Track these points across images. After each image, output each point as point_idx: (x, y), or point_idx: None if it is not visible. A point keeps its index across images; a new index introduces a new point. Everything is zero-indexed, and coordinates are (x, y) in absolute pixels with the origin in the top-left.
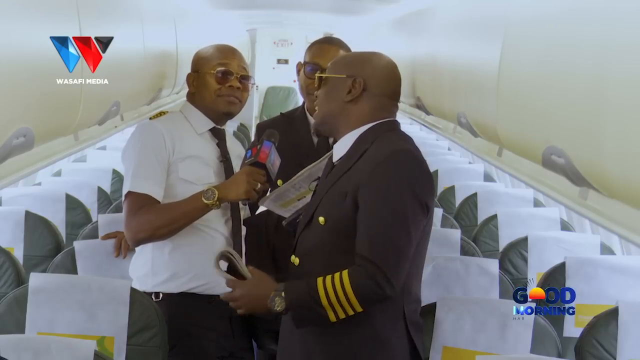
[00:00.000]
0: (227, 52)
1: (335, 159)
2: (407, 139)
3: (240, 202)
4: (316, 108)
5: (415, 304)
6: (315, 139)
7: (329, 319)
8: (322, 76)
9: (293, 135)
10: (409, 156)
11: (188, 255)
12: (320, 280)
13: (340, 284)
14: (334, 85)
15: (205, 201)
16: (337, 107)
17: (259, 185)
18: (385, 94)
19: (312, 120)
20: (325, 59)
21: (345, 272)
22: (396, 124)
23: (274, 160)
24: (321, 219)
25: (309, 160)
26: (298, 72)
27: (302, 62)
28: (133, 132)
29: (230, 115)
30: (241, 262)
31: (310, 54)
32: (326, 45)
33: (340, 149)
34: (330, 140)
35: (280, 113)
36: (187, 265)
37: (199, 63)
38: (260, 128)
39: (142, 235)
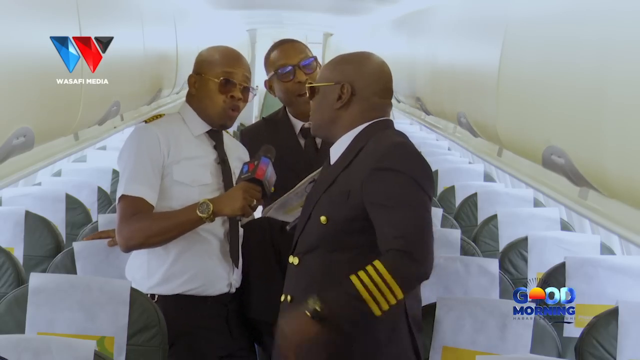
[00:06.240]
0: (232, 60)
1: (332, 161)
2: (402, 134)
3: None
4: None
5: (416, 303)
6: (302, 141)
7: (373, 314)
8: (312, 86)
9: (279, 140)
10: (408, 149)
11: (183, 258)
12: (353, 277)
13: (376, 272)
14: (324, 93)
15: (200, 214)
16: (329, 115)
17: (255, 201)
18: (375, 94)
19: (295, 123)
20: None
21: (377, 262)
22: (390, 123)
23: (270, 177)
24: (323, 218)
25: (298, 163)
26: (270, 87)
27: (276, 71)
28: (129, 135)
29: (224, 128)
30: None
31: (295, 55)
32: (295, 43)
33: (337, 150)
34: (318, 141)
35: (262, 118)
36: (182, 268)
37: (203, 66)
38: (245, 134)
39: (133, 243)
